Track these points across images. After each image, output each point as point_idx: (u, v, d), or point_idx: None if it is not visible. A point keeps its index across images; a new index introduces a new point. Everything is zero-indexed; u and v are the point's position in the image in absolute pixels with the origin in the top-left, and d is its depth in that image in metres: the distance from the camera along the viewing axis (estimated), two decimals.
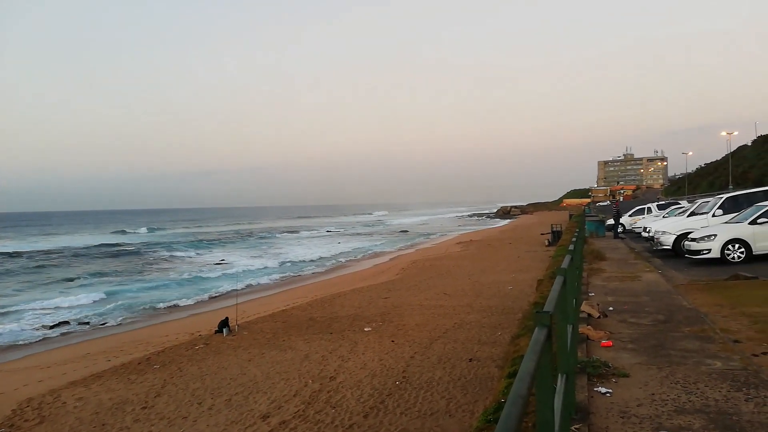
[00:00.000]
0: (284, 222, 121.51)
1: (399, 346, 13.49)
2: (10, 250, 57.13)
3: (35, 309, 24.53)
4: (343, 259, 43.29)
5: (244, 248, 55.85)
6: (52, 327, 20.84)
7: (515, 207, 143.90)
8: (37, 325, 21.13)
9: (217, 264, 42.71)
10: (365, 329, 15.71)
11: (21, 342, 18.93)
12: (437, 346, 13.15)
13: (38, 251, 56.01)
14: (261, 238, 71.20)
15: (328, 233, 77.95)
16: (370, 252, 48.48)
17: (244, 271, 37.21)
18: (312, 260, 43.33)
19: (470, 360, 11.77)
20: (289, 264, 41.22)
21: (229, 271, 37.04)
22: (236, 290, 25.22)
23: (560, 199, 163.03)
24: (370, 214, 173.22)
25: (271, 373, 11.93)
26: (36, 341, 19.06)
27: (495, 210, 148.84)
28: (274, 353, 13.68)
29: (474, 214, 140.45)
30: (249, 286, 30.04)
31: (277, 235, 75.41)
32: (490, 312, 17.05)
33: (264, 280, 32.68)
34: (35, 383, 12.95)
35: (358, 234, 76.65)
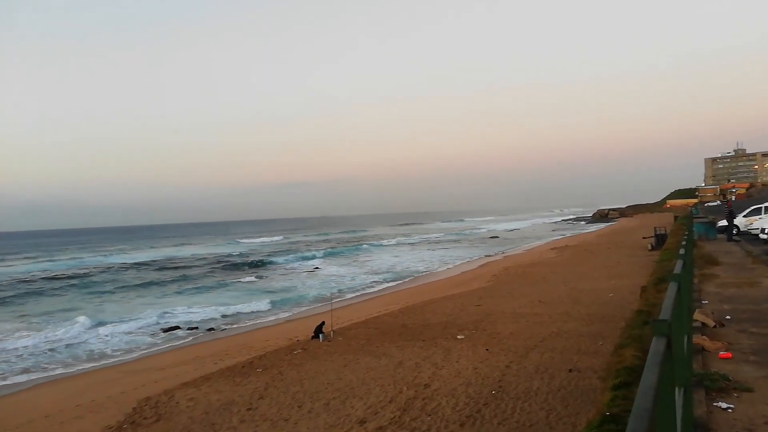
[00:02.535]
0: (373, 230, 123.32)
1: (494, 354, 13.23)
2: (146, 259, 62.32)
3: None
4: (432, 267, 43.21)
5: (335, 256, 57.30)
6: (166, 331, 22.47)
7: (613, 210, 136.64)
8: (154, 330, 22.85)
9: (311, 271, 44.14)
10: (458, 337, 15.56)
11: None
12: (534, 356, 12.75)
13: (175, 259, 60.76)
14: (351, 246, 72.71)
15: (418, 241, 78.11)
16: (459, 259, 48.02)
17: (336, 278, 38.19)
18: (402, 268, 43.62)
19: (570, 370, 11.30)
20: (379, 272, 41.75)
21: (322, 279, 38.19)
22: (330, 297, 25.93)
23: (663, 201, 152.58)
24: (460, 221, 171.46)
25: (366, 378, 12.11)
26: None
27: (591, 214, 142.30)
28: (368, 359, 13.89)
29: (568, 219, 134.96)
30: (341, 292, 30.75)
31: (366, 244, 76.68)
32: (590, 320, 16.29)
33: (356, 287, 33.34)
34: (152, 383, 14.01)
35: (447, 241, 76.20)
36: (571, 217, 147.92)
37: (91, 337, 21.86)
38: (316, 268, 46.87)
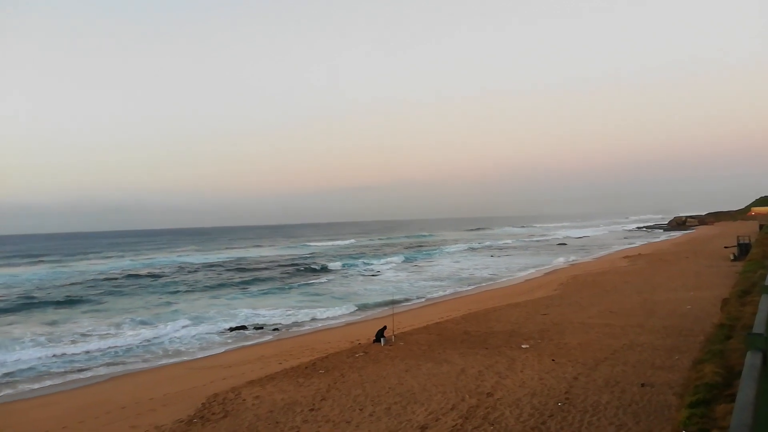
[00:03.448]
0: (437, 235, 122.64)
1: (560, 365, 12.77)
2: (216, 260, 65.02)
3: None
4: (496, 274, 42.43)
5: (397, 261, 57.36)
6: (233, 330, 23.21)
7: (691, 217, 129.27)
8: (222, 329, 23.66)
9: (372, 276, 44.43)
10: (523, 346, 15.15)
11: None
12: (604, 368, 12.21)
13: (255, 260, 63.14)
14: (413, 251, 72.63)
15: (482, 246, 76.99)
16: (525, 266, 46.90)
17: (397, 283, 38.23)
18: (464, 274, 43.12)
19: (642, 385, 10.73)
20: (440, 277, 41.44)
21: (383, 283, 38.34)
22: (391, 302, 25.97)
23: (747, 208, 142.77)
24: (526, 226, 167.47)
25: (427, 384, 11.99)
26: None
27: (667, 221, 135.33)
28: (430, 365, 13.76)
29: (642, 227, 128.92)
30: (403, 297, 30.72)
31: (429, 249, 76.35)
32: (665, 333, 15.45)
33: (417, 292, 33.21)
34: (220, 381, 14.48)
35: (512, 247, 74.67)
36: (646, 224, 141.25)
37: (164, 334, 22.89)
38: (378, 272, 47.12)
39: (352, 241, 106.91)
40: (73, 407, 13.31)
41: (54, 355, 19.47)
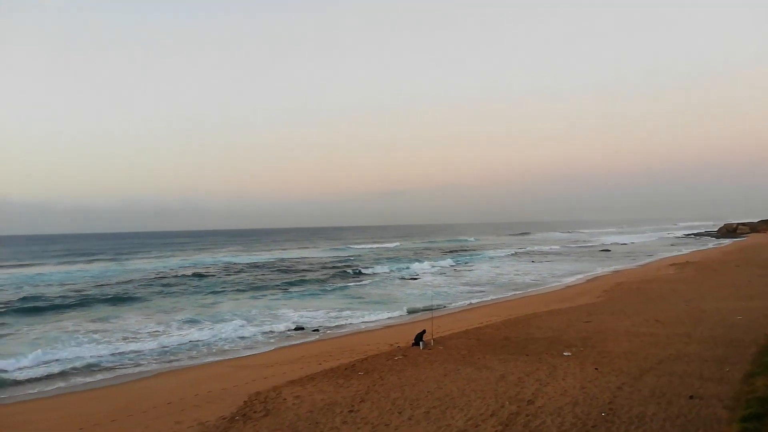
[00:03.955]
0: (478, 240, 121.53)
1: (603, 374, 12.51)
2: (258, 261, 66.44)
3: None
4: (537, 279, 41.78)
5: (436, 264, 57.14)
6: (275, 330, 23.65)
7: (743, 224, 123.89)
8: (264, 329, 24.14)
9: (412, 279, 44.42)
10: (564, 354, 14.90)
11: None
12: (649, 379, 11.90)
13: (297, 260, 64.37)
14: (454, 255, 72.20)
15: (523, 251, 75.86)
16: (567, 272, 46.00)
17: (437, 287, 38.11)
18: (505, 279, 42.63)
19: (690, 397, 10.40)
20: (481, 282, 41.09)
21: (423, 287, 38.29)
22: (430, 306, 25.91)
23: None
24: (570, 232, 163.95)
25: (466, 390, 11.94)
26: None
27: (717, 228, 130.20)
28: (469, 370, 13.69)
29: (691, 234, 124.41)
30: (442, 302, 30.60)
31: (469, 253, 75.78)
32: (714, 344, 14.93)
33: (456, 296, 33.04)
34: (261, 379, 14.79)
35: (554, 253, 73.35)
36: (695, 231, 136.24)
37: (208, 332, 23.50)
38: (417, 276, 47.09)
39: (394, 244, 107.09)
40: (121, 401, 13.83)
41: (105, 351, 20.25)
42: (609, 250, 73.66)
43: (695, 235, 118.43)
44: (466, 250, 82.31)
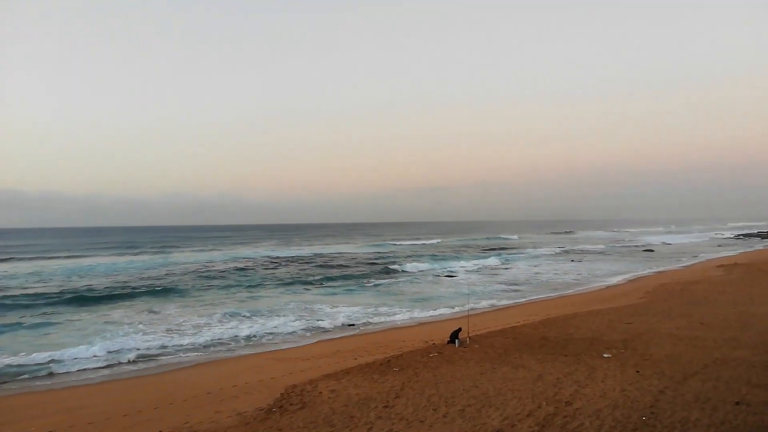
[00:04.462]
0: (517, 238, 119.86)
1: (645, 377, 12.17)
2: (295, 255, 67.44)
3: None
4: (577, 279, 40.95)
5: (475, 262, 56.67)
6: (311, 324, 23.92)
7: None
8: (300, 323, 24.47)
9: (448, 277, 44.19)
10: (604, 355, 14.57)
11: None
12: (693, 383, 11.51)
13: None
14: (492, 253, 71.46)
15: (563, 250, 74.43)
16: (609, 272, 44.93)
17: (474, 285, 37.80)
18: (544, 278, 41.95)
19: (737, 403, 10.03)
20: (518, 281, 40.56)
21: (460, 285, 38.06)
22: (466, 304, 25.75)
23: None
24: (612, 231, 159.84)
25: (503, 389, 11.81)
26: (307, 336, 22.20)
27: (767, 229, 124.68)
28: (505, 369, 13.54)
29: (740, 234, 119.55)
30: (478, 300, 30.35)
31: (508, 251, 74.85)
32: (763, 349, 14.35)
33: (493, 295, 32.71)
34: (298, 372, 14.99)
35: (595, 252, 71.70)
36: (744, 232, 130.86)
37: (247, 325, 23.96)
38: (454, 273, 46.82)
39: (433, 241, 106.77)
40: (163, 390, 14.26)
41: (149, 341, 20.90)
42: (652, 250, 71.55)
43: (744, 236, 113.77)
44: (504, 248, 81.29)
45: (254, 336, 21.92)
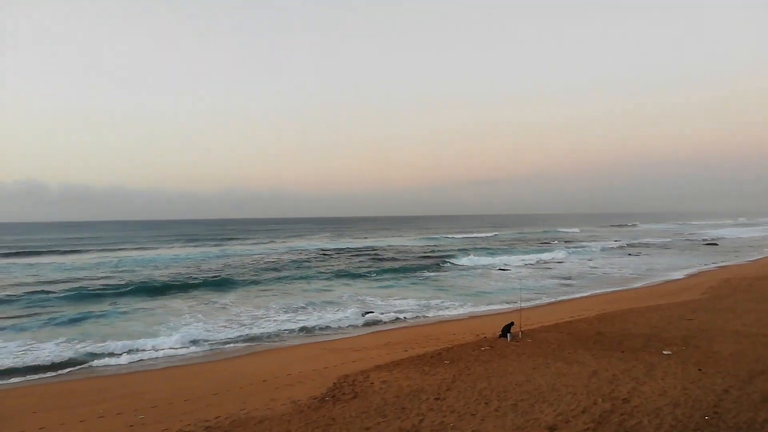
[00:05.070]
0: (572, 231, 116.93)
1: (708, 376, 11.69)
2: (347, 247, 68.41)
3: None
4: (634, 273, 39.61)
5: (528, 256, 55.69)
6: (363, 315, 24.23)
7: None
8: (352, 314, 24.82)
9: (500, 271, 43.66)
10: (664, 352, 14.08)
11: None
12: (760, 383, 10.98)
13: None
14: (546, 246, 70.05)
15: (619, 244, 72.04)
16: (668, 267, 43.23)
17: (525, 279, 37.20)
18: (599, 273, 40.83)
19: None
20: (572, 275, 39.62)
21: (511, 279, 37.54)
22: (519, 298, 25.39)
23: None
24: (673, 223, 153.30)
25: (556, 384, 11.62)
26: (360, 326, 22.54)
27: None
28: (559, 365, 13.30)
29: None
30: (530, 294, 29.87)
31: (562, 244, 73.15)
32: None
33: (546, 289, 32.11)
34: (350, 363, 15.22)
35: (654, 245, 69.09)
36: None
37: (301, 315, 24.50)
38: (506, 267, 46.20)
39: (487, 234, 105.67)
40: (222, 377, 14.79)
41: (208, 331, 21.71)
42: (716, 244, 68.32)
43: None
44: (560, 242, 79.52)
45: (307, 327, 22.38)
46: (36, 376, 16.21)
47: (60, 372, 16.66)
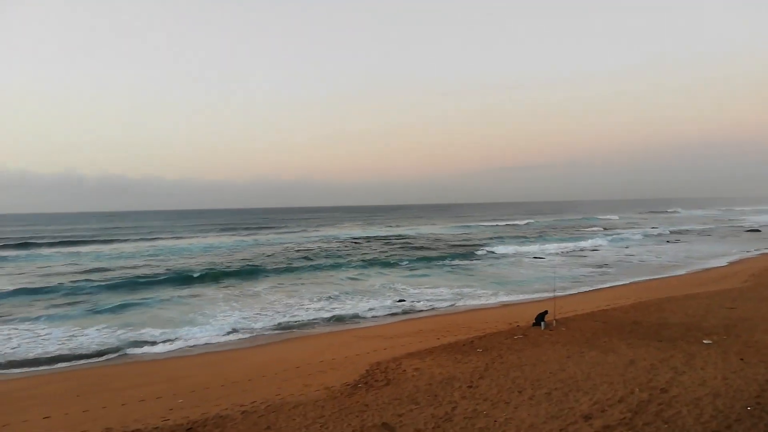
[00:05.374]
0: (608, 218, 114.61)
1: (750, 366, 11.35)
2: (378, 235, 68.70)
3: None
4: (672, 261, 38.64)
5: (562, 244, 54.90)
6: (395, 303, 24.33)
7: None
8: (384, 302, 24.94)
9: (534, 259, 43.17)
10: (704, 341, 13.72)
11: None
12: None
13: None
14: (580, 233, 68.89)
15: (657, 232, 70.32)
16: (708, 254, 42.01)
17: (560, 267, 36.68)
18: (635, 260, 39.97)
19: None
20: (607, 263, 38.90)
21: (545, 267, 37.09)
22: (553, 286, 25.07)
23: None
24: (720, 209, 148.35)
25: (591, 373, 11.46)
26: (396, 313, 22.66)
27: None
28: (594, 354, 13.11)
29: None
30: (564, 282, 29.46)
31: (597, 232, 71.83)
32: None
33: (580, 277, 31.61)
34: (382, 350, 15.31)
35: (693, 232, 67.21)
36: None
37: (334, 304, 24.74)
38: (540, 255, 45.64)
39: (521, 222, 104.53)
40: (257, 363, 15.08)
41: (243, 319, 22.15)
42: (759, 231, 66.04)
43: None
44: (592, 229, 78.09)
45: (340, 315, 22.59)
46: (80, 362, 16.83)
47: (102, 358, 17.26)
